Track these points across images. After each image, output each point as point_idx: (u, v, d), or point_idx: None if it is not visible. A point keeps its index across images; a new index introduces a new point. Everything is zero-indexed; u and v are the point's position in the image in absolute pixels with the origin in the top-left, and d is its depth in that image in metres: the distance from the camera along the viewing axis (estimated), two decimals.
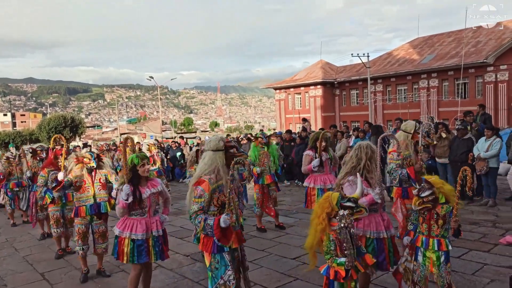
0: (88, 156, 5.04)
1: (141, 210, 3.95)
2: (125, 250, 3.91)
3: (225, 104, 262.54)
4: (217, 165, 3.30)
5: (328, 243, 2.94)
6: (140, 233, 3.91)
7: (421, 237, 3.35)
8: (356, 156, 3.69)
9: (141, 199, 3.91)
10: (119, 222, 4.02)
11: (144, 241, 3.94)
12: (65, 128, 40.35)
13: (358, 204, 2.95)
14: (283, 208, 8.49)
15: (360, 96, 34.23)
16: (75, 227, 5.12)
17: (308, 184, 6.18)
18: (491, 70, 25.99)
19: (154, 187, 4.04)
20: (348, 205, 2.91)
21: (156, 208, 4.11)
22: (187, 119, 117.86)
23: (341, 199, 2.96)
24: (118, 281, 5.05)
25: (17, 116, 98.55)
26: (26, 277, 5.41)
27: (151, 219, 4.01)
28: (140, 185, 3.94)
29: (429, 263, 3.29)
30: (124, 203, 3.80)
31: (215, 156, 3.33)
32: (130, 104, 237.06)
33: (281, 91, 39.98)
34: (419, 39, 34.73)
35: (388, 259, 3.62)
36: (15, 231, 8.19)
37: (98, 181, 5.08)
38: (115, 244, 4.01)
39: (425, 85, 29.41)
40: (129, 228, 3.92)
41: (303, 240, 6.13)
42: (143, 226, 3.93)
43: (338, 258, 2.92)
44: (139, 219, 3.95)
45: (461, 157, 7.69)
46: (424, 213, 3.34)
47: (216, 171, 3.30)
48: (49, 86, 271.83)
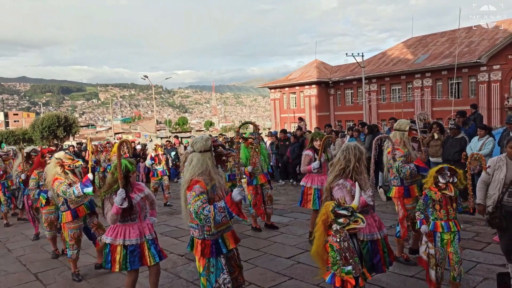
0: (68, 157, 4.98)
1: (132, 216, 3.88)
2: (117, 258, 3.81)
3: (220, 103, 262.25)
4: (207, 166, 3.20)
5: (334, 254, 2.91)
6: (134, 238, 3.84)
7: (439, 222, 3.77)
8: (344, 158, 3.54)
9: (131, 205, 3.82)
10: (109, 231, 3.92)
11: (138, 246, 3.86)
12: (59, 127, 40.08)
13: (355, 214, 2.90)
14: (278, 208, 8.49)
15: (355, 96, 34.34)
16: (69, 232, 5.05)
17: (305, 183, 6.20)
18: (484, 70, 26.20)
19: (141, 191, 3.99)
20: (342, 213, 2.89)
21: (145, 212, 4.04)
22: (181, 118, 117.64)
23: (336, 207, 2.93)
24: (112, 281, 5.03)
25: (10, 115, 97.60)
26: (19, 277, 5.38)
27: (143, 224, 3.95)
28: (128, 192, 3.84)
29: (446, 245, 3.76)
30: (119, 208, 3.68)
31: (204, 157, 3.22)
32: (125, 104, 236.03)
33: (276, 90, 40.01)
34: (413, 39, 34.92)
35: (383, 261, 3.61)
36: (8, 231, 8.11)
37: None
38: (106, 254, 3.90)
39: (419, 85, 29.58)
40: (122, 235, 3.83)
41: (298, 239, 6.19)
42: (136, 231, 3.86)
43: (345, 267, 2.88)
44: (131, 224, 3.88)
45: (454, 156, 7.74)
46: (440, 200, 3.76)
47: (207, 172, 3.21)
48: (43, 85, 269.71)
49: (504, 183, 3.91)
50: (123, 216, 3.83)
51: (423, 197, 3.89)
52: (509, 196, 3.92)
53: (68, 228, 5.05)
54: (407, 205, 4.85)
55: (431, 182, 3.83)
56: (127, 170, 3.84)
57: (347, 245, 2.88)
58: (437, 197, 3.77)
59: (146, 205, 4.09)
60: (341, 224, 2.89)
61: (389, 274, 4.49)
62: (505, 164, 3.97)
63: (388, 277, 4.44)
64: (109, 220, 3.79)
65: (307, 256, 5.36)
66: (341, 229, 2.88)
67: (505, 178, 3.91)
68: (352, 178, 3.52)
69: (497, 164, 4.04)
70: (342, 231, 2.88)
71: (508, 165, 3.98)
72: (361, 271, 2.91)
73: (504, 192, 3.91)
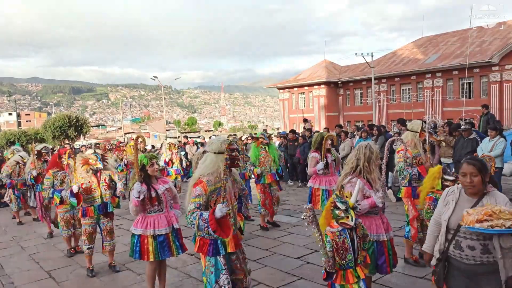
0: (94, 158, 5.11)
1: (159, 206, 4.07)
2: (150, 248, 4.01)
3: (228, 103, 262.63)
4: (218, 167, 3.28)
5: (325, 244, 2.94)
6: (163, 227, 4.04)
7: None
8: (355, 157, 3.64)
9: (158, 196, 4.04)
10: (137, 222, 4.10)
11: (166, 237, 4.06)
12: (70, 127, 40.55)
13: (349, 210, 2.94)
14: (287, 208, 8.51)
15: (364, 96, 34.14)
16: (82, 227, 5.22)
17: (312, 184, 6.20)
18: (496, 70, 25.87)
19: (165, 183, 4.20)
20: (339, 206, 2.94)
21: (171, 203, 4.24)
22: (190, 118, 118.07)
23: (336, 197, 3.00)
24: (123, 279, 5.10)
25: (22, 115, 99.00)
26: (32, 275, 5.48)
27: (169, 213, 4.15)
28: (152, 184, 4.07)
29: None
30: (136, 201, 3.89)
31: (217, 158, 3.31)
32: (134, 104, 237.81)
33: (285, 90, 39.97)
34: (423, 39, 34.61)
35: (388, 262, 3.61)
36: (21, 229, 8.26)
37: (103, 181, 5.17)
38: (134, 244, 4.07)
39: (430, 85, 29.30)
40: (152, 226, 4.02)
41: (307, 239, 6.19)
42: (164, 221, 4.07)
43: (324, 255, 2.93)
44: (159, 215, 4.08)
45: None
46: None
47: (217, 173, 3.28)
48: (54, 85, 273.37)
49: (447, 227, 2.71)
50: (151, 206, 4.04)
51: (430, 202, 3.80)
52: (455, 247, 2.66)
53: (82, 223, 5.23)
54: (417, 205, 4.83)
55: (437, 185, 3.79)
56: (142, 164, 4.04)
57: (342, 240, 2.92)
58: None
59: (171, 197, 4.27)
60: (336, 216, 2.96)
61: (398, 276, 4.48)
62: (455, 201, 2.73)
63: (397, 279, 4.44)
64: (131, 211, 4.03)
65: (316, 256, 5.37)
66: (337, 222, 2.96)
67: (448, 221, 2.69)
68: (364, 177, 3.56)
69: (446, 198, 2.84)
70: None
71: (459, 203, 2.71)
72: (332, 269, 2.90)
73: (451, 241, 2.69)
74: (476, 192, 2.67)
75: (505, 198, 2.67)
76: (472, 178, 2.63)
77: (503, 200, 2.63)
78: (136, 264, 5.56)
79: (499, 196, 2.67)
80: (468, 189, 2.69)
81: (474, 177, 2.63)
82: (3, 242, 7.30)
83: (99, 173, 5.16)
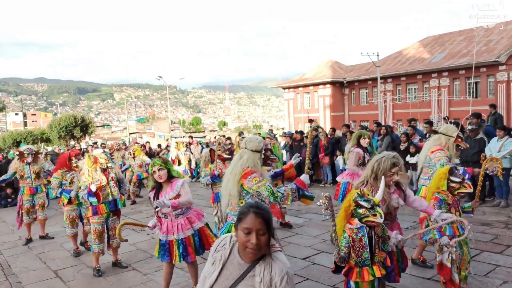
0: (105, 157, 5.22)
1: (163, 213, 4.09)
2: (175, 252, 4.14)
3: (233, 103, 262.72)
4: (256, 164, 3.45)
5: (341, 239, 2.96)
6: (161, 234, 4.14)
7: (456, 225, 3.71)
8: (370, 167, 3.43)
9: None
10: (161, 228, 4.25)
11: (167, 242, 4.12)
12: (76, 127, 40.75)
13: (376, 207, 2.89)
14: (293, 208, 8.48)
15: (370, 96, 33.99)
16: (92, 226, 5.26)
17: (349, 179, 6.19)
18: (503, 69, 25.63)
19: (172, 190, 4.08)
20: (363, 204, 2.90)
21: (178, 211, 4.11)
22: (195, 118, 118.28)
23: (358, 197, 2.94)
24: (129, 278, 5.11)
25: (28, 115, 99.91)
26: (39, 274, 5.51)
27: (173, 222, 4.12)
28: (161, 190, 4.12)
29: (462, 245, 3.73)
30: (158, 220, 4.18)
31: (255, 156, 3.47)
32: (139, 104, 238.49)
33: (290, 90, 39.90)
34: (429, 38, 34.40)
35: (396, 270, 3.43)
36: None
37: (111, 179, 5.30)
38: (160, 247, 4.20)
39: (436, 84, 29.12)
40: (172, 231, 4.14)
41: (313, 240, 6.17)
42: (163, 228, 4.13)
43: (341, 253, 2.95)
44: (164, 220, 4.15)
45: (473, 158, 7.62)
46: (453, 203, 3.74)
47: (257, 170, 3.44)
48: (59, 85, 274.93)
49: None
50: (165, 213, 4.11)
51: (436, 202, 3.69)
52: None
53: (91, 222, 5.28)
54: None
55: (442, 185, 3.75)
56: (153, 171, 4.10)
57: (359, 237, 2.92)
58: (450, 200, 3.73)
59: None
60: (360, 215, 2.92)
61: (405, 276, 4.44)
62: (222, 262, 1.95)
63: (404, 279, 4.40)
64: None
65: (323, 257, 5.36)
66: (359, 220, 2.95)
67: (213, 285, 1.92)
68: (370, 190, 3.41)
69: (214, 254, 2.00)
70: None
71: (226, 267, 1.94)
72: (341, 261, 2.90)
73: None
74: (256, 257, 1.89)
75: (283, 270, 1.88)
76: (260, 237, 1.84)
77: (280, 273, 1.86)
78: (142, 264, 5.58)
79: (277, 265, 1.89)
80: (249, 252, 1.85)
81: (261, 235, 1.84)
82: (11, 242, 7.35)
83: (107, 171, 5.27)
